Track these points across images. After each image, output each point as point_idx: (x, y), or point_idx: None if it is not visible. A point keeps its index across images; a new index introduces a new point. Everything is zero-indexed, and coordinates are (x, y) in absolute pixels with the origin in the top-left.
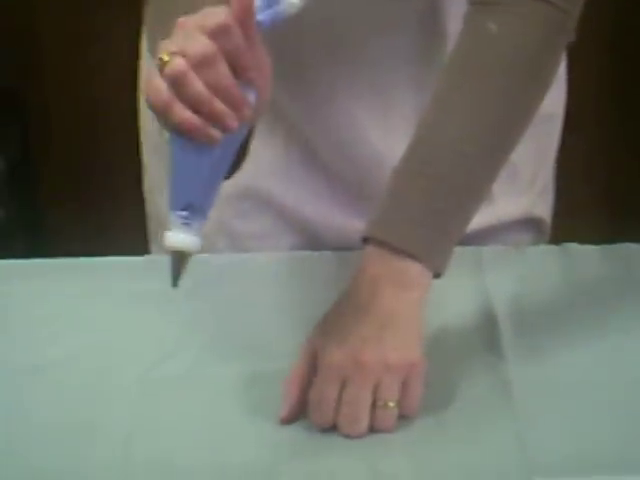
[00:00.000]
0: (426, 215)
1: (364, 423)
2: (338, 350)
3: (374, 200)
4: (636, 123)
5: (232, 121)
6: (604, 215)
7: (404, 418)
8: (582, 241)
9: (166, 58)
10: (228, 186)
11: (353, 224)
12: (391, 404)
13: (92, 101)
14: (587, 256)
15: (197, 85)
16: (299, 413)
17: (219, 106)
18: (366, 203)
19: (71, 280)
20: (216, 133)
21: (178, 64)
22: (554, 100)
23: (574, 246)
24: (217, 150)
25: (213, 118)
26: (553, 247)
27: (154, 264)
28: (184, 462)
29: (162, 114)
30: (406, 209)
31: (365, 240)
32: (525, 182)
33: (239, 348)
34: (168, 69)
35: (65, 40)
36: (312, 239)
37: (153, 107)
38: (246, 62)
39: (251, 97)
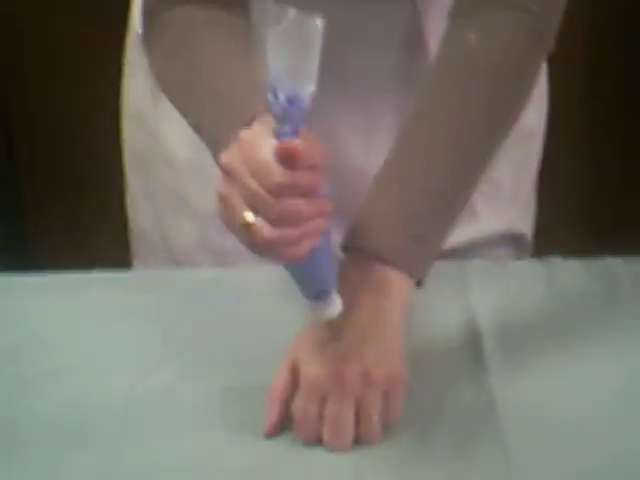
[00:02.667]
0: (401, 221)
1: (348, 438)
2: (318, 366)
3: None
4: (619, 136)
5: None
6: (586, 229)
7: (389, 431)
8: (565, 255)
9: (249, 220)
10: (210, 202)
11: (335, 238)
12: (374, 417)
13: (77, 115)
14: (570, 270)
15: (289, 235)
16: (282, 426)
17: (312, 232)
18: (347, 218)
19: (56, 295)
20: (316, 241)
21: (265, 236)
22: (535, 115)
23: (557, 260)
24: (322, 241)
25: (312, 237)
26: (536, 261)
27: (139, 279)
28: (170, 477)
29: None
30: (381, 215)
31: (344, 249)
32: (507, 197)
33: (223, 362)
34: (259, 239)
35: (49, 49)
36: None
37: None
38: (317, 189)
39: (326, 191)
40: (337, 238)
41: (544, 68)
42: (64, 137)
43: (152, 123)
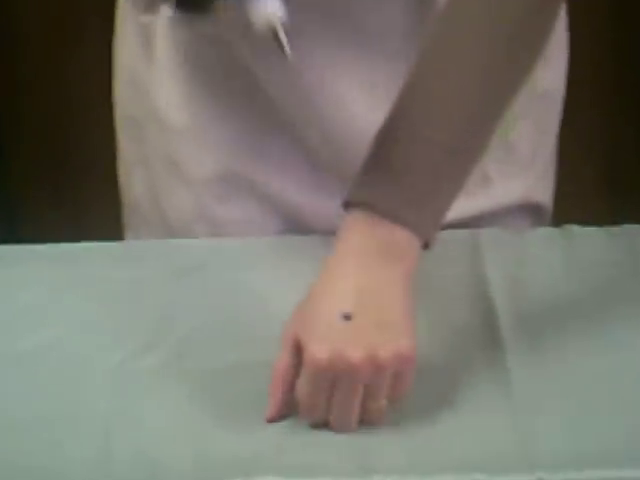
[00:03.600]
0: (407, 175)
1: (355, 424)
2: (324, 348)
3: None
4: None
5: None
6: (605, 199)
7: (396, 410)
8: (584, 224)
9: None
10: (206, 170)
11: (340, 208)
12: (382, 402)
13: (66, 87)
14: (589, 238)
15: None
16: (286, 410)
17: None
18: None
19: (43, 267)
20: None
21: None
22: (553, 75)
23: (575, 228)
24: None
25: None
26: (554, 230)
27: (131, 250)
28: (164, 457)
29: None
30: (390, 170)
31: (346, 207)
32: (523, 163)
33: (222, 338)
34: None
35: (39, 31)
36: (298, 225)
37: None
38: None
39: None
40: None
41: (562, 22)
42: (53, 108)
43: (145, 85)
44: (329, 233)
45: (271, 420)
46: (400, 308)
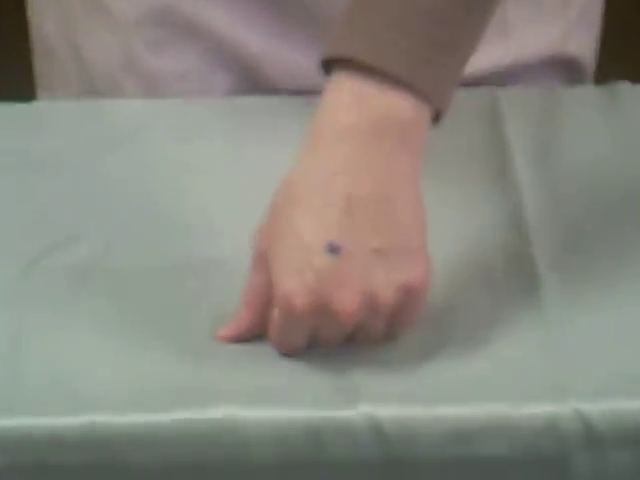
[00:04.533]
0: (410, 17)
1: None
2: (301, 291)
3: (338, 22)
4: None
5: None
6: None
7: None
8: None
9: None
10: (136, 8)
11: (309, 58)
12: (375, 341)
13: None
14: None
15: None
16: (251, 333)
17: None
18: (327, 28)
19: None
20: None
21: None
22: None
23: (623, 87)
24: None
25: None
26: (595, 88)
27: (43, 114)
28: (88, 387)
29: None
30: (385, 13)
31: (326, 67)
32: (552, 6)
33: (163, 229)
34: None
35: None
36: (254, 80)
37: None
38: None
39: None
40: (315, 58)
41: None
42: None
43: None
44: (295, 93)
45: (224, 340)
46: (407, 219)
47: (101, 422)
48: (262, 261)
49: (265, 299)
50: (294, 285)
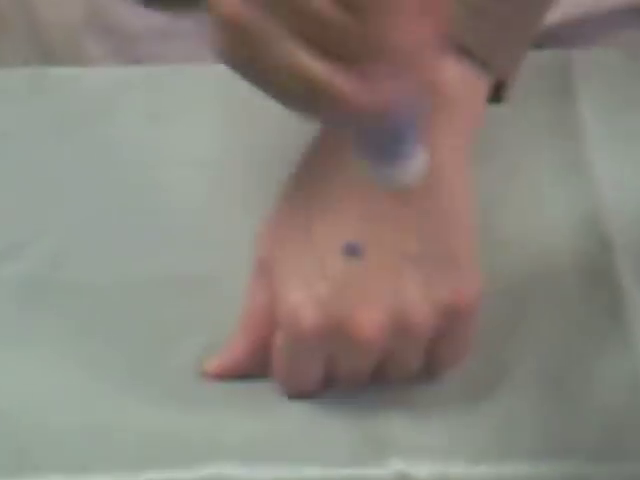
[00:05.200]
0: None
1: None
2: (312, 310)
3: None
4: None
5: None
6: None
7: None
8: None
9: None
10: None
11: None
12: (412, 375)
13: None
14: None
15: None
16: (247, 372)
17: None
18: None
19: None
20: None
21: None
22: None
23: None
24: None
25: None
26: None
27: None
28: (32, 437)
29: None
30: None
31: None
32: None
33: (135, 235)
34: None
35: None
36: None
37: None
38: None
39: None
40: None
41: None
42: None
43: None
44: None
45: (214, 377)
46: (451, 218)
47: None
48: (264, 273)
49: (267, 322)
50: (301, 298)
